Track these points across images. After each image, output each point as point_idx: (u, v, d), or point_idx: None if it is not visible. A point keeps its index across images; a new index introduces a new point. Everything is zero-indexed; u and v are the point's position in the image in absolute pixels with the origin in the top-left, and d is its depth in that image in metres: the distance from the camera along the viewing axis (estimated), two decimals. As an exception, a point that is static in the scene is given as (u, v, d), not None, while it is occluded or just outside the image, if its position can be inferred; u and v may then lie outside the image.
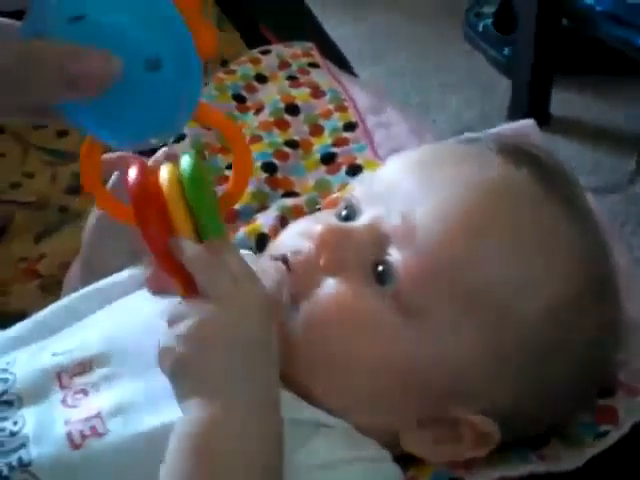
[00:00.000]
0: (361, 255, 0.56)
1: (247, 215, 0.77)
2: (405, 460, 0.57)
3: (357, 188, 0.62)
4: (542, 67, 1.70)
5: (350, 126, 0.86)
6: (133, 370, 0.54)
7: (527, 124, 0.76)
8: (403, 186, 0.57)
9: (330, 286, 0.55)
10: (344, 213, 0.60)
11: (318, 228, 0.56)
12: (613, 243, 0.64)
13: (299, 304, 0.55)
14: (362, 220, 0.57)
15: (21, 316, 0.72)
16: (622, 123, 1.72)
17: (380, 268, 0.55)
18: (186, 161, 0.50)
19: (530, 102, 1.72)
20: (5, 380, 0.55)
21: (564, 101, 1.77)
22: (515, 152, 0.59)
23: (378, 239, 0.56)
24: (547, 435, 0.60)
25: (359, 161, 0.82)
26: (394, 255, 0.55)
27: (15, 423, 0.53)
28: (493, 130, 0.76)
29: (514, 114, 1.75)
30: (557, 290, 0.55)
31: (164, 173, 0.50)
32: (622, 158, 1.63)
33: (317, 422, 0.54)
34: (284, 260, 0.57)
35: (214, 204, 0.50)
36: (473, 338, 0.54)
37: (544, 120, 1.74)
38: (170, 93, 0.45)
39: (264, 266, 0.59)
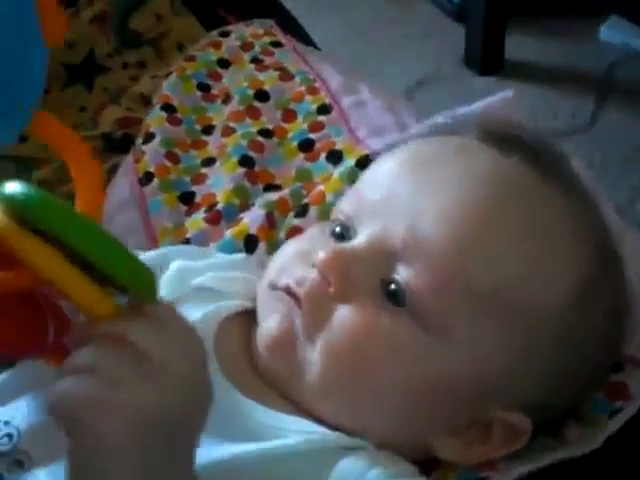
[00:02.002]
0: (369, 276, 0.54)
1: (230, 215, 0.74)
2: (427, 463, 0.56)
3: (346, 203, 0.60)
4: (495, 11, 1.68)
5: (324, 109, 0.83)
6: None
7: (505, 97, 0.74)
8: (398, 196, 0.55)
9: (346, 315, 0.53)
10: (338, 230, 0.58)
11: (321, 255, 0.54)
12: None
13: (314, 337, 0.53)
14: (362, 237, 0.55)
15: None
16: (577, 63, 1.72)
17: (392, 287, 0.53)
18: (13, 187, 0.36)
19: (484, 49, 1.71)
20: (10, 436, 0.52)
21: (518, 45, 1.75)
22: (503, 139, 0.58)
23: (383, 256, 0.54)
24: (562, 417, 0.60)
25: (338, 146, 0.79)
26: (403, 273, 0.53)
27: None
28: (473, 107, 0.73)
29: (469, 63, 1.74)
30: (571, 276, 0.55)
31: None
32: (581, 99, 1.63)
33: (343, 446, 0.53)
34: (288, 291, 0.55)
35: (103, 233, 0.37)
36: (497, 341, 0.53)
37: (500, 66, 1.73)
38: None
39: (265, 297, 0.57)
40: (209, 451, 0.50)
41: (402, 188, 0.55)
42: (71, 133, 0.40)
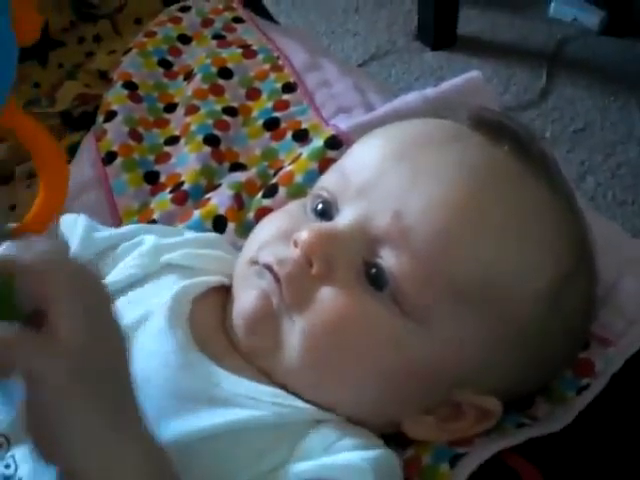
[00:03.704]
0: (351, 258, 0.54)
1: (197, 195, 0.74)
2: (403, 438, 0.57)
3: (329, 180, 0.59)
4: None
5: (289, 87, 0.83)
6: None
7: (473, 78, 0.74)
8: (387, 180, 0.55)
9: (327, 297, 0.53)
10: (320, 208, 0.57)
11: (303, 235, 0.53)
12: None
13: (293, 316, 0.53)
14: (346, 218, 0.55)
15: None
16: (528, 39, 1.73)
17: (373, 271, 0.53)
18: None
19: (436, 23, 1.71)
20: None
21: (469, 20, 1.76)
22: (493, 127, 0.58)
23: (367, 239, 0.54)
24: (532, 395, 0.61)
25: (304, 125, 0.79)
26: (387, 258, 0.53)
27: (7, 466, 0.50)
28: (443, 87, 0.73)
29: (421, 36, 1.74)
30: (550, 273, 0.55)
31: None
32: (532, 74, 1.65)
33: (314, 419, 0.53)
34: (269, 268, 0.54)
35: None
36: (475, 332, 0.53)
37: (452, 41, 1.73)
38: None
39: (244, 272, 0.57)
40: (185, 421, 0.50)
41: (391, 172, 0.55)
42: (40, 128, 0.40)
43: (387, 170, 0.55)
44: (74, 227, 0.63)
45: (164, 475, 0.42)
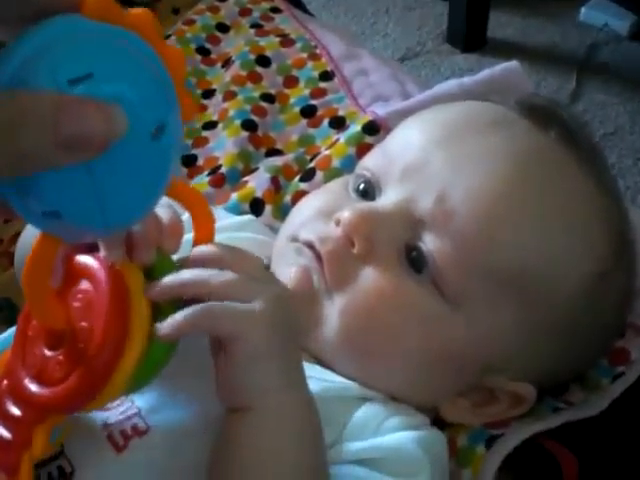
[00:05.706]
0: (393, 240, 0.54)
1: (234, 178, 0.74)
2: (439, 422, 0.57)
3: (372, 160, 0.59)
4: (478, -11, 1.68)
5: (326, 75, 0.83)
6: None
7: (511, 67, 0.74)
8: (431, 163, 0.55)
9: (368, 276, 0.53)
10: (362, 187, 0.57)
11: (346, 214, 0.54)
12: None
13: (333, 294, 0.54)
14: (389, 199, 0.55)
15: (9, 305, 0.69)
16: (559, 43, 1.73)
17: (414, 254, 0.53)
18: None
19: (467, 26, 1.71)
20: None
21: (500, 23, 1.76)
22: (541, 113, 0.58)
23: (409, 222, 0.54)
24: (568, 381, 0.61)
25: (341, 112, 0.79)
26: (428, 241, 0.53)
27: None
28: (482, 75, 0.74)
29: (452, 38, 1.74)
30: (590, 263, 0.55)
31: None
32: (562, 77, 1.64)
33: (359, 396, 0.53)
34: (310, 246, 0.55)
35: None
36: (511, 317, 0.53)
37: (482, 44, 1.73)
38: (164, 164, 0.37)
39: (284, 249, 0.57)
40: None
41: (436, 155, 0.55)
42: (200, 195, 0.46)
43: (432, 153, 0.55)
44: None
45: (315, 422, 0.46)
